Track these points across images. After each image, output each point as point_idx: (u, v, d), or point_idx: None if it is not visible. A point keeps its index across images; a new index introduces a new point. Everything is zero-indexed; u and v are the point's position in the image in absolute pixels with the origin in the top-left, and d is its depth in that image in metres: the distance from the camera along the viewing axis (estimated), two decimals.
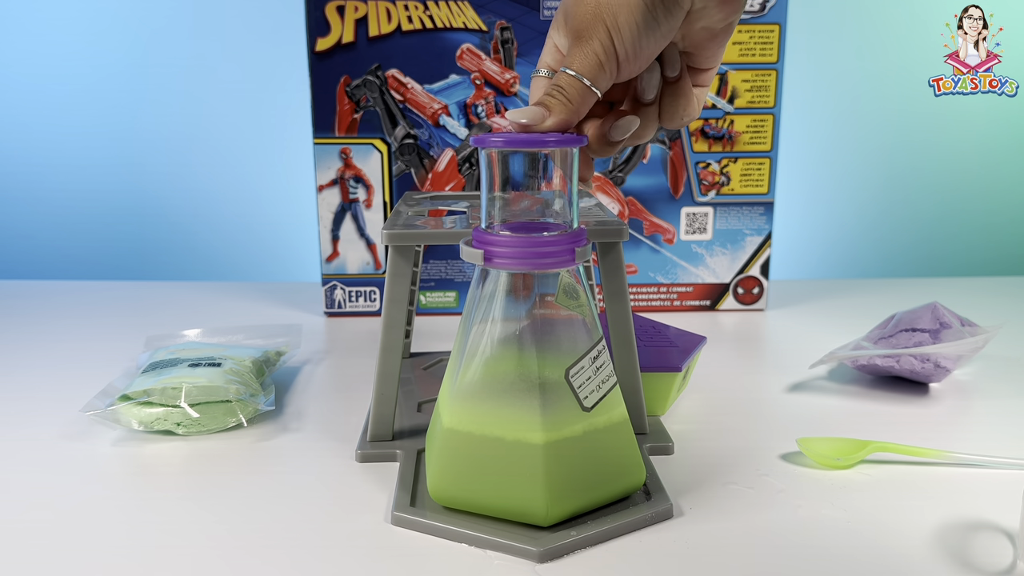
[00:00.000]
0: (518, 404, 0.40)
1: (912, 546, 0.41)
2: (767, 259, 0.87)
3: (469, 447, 0.41)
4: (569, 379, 0.40)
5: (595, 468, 0.42)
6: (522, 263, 0.40)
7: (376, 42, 0.80)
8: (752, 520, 0.44)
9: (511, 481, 0.40)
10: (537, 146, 0.40)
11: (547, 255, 0.40)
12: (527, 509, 0.40)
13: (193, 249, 1.20)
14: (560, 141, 0.40)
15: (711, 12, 0.40)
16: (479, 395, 0.41)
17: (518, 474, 0.40)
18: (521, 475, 0.40)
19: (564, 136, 0.40)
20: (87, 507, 0.45)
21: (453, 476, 0.42)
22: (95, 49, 1.13)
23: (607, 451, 0.42)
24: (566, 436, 0.40)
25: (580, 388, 0.41)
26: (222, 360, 0.59)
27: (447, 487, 0.42)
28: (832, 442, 0.51)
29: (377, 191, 0.84)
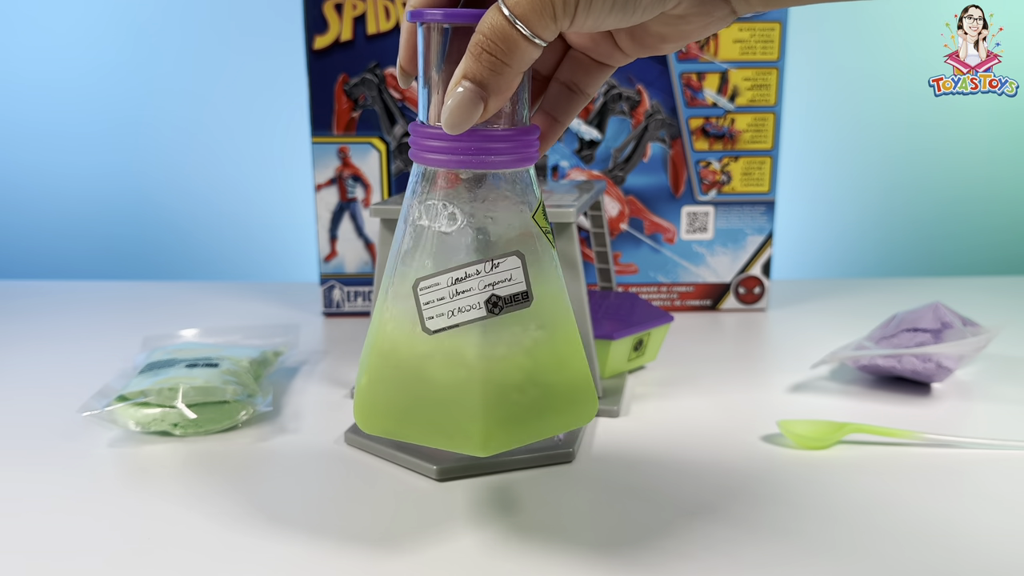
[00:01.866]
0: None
1: (886, 522, 0.41)
2: (768, 258, 0.87)
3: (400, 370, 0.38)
4: (416, 291, 0.37)
5: (540, 391, 0.39)
6: (463, 159, 0.36)
7: (375, 40, 0.80)
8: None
9: (445, 407, 0.38)
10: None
11: (492, 151, 0.36)
12: (463, 435, 0.38)
13: (190, 248, 1.20)
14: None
15: (681, 27, 0.36)
16: (407, 310, 0.38)
17: (453, 397, 0.37)
18: (456, 398, 0.37)
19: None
20: (83, 508, 0.45)
21: (379, 392, 0.39)
22: (93, 48, 1.13)
23: (554, 373, 0.39)
24: (502, 355, 0.37)
25: (427, 306, 0.37)
26: (219, 360, 0.59)
27: (372, 406, 0.40)
28: (811, 424, 0.53)
29: (376, 190, 0.84)
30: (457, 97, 0.33)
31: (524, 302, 0.37)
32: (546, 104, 0.41)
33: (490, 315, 0.37)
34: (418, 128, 0.37)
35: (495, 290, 0.37)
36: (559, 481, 0.48)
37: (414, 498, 0.46)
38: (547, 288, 0.39)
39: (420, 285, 0.37)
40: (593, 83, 0.40)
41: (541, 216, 0.39)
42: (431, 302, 0.37)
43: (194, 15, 1.13)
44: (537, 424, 0.39)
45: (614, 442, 0.53)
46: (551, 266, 0.39)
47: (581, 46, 0.39)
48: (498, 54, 0.32)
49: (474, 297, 0.36)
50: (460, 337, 0.37)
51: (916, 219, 1.21)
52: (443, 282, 0.37)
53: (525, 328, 0.38)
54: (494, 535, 0.42)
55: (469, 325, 0.37)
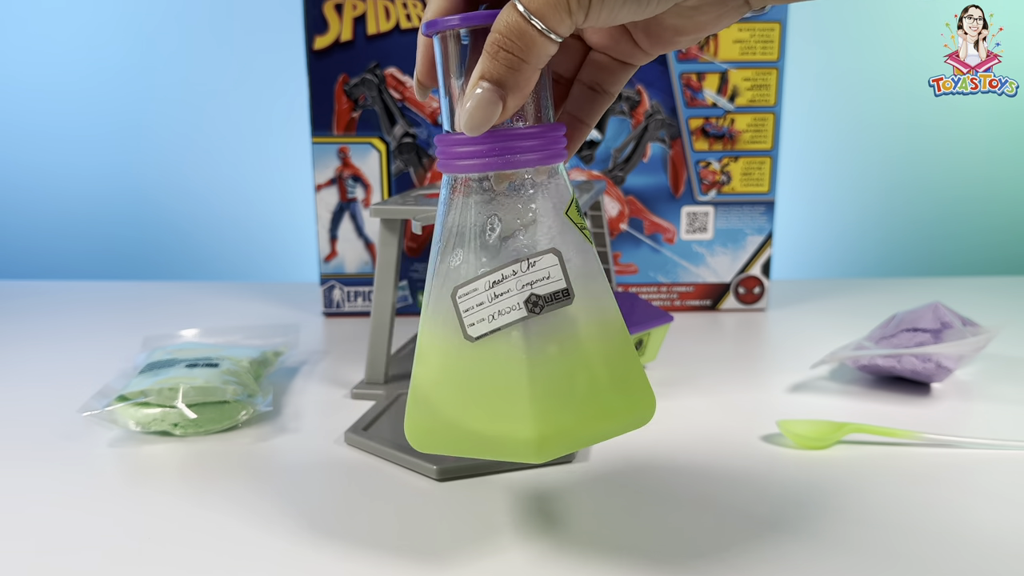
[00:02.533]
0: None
1: (885, 522, 0.41)
2: (768, 259, 0.87)
3: (447, 383, 0.38)
4: (455, 299, 0.36)
5: (591, 391, 0.37)
6: (491, 162, 0.35)
7: (374, 40, 0.80)
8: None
9: (494, 415, 0.37)
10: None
11: (518, 149, 0.35)
12: (516, 443, 0.36)
13: (190, 249, 1.20)
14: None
15: (696, 18, 0.36)
16: (448, 321, 0.37)
17: (501, 404, 0.36)
18: (504, 404, 0.36)
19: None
20: (83, 508, 0.45)
21: (428, 411, 0.38)
22: (93, 49, 1.13)
23: (603, 371, 0.38)
24: (548, 356, 0.36)
25: (466, 313, 0.36)
26: (219, 360, 0.59)
27: (423, 425, 0.39)
28: (811, 424, 0.53)
29: (376, 190, 0.84)
30: (476, 98, 0.33)
31: (565, 299, 0.36)
32: (570, 106, 0.41)
33: (531, 315, 0.36)
34: (443, 138, 0.37)
35: (534, 289, 0.36)
36: (559, 481, 0.48)
37: (414, 498, 0.46)
38: (589, 283, 0.37)
39: (458, 293, 0.36)
40: (615, 83, 0.40)
41: (575, 212, 0.38)
42: (470, 309, 0.36)
43: (194, 16, 1.13)
44: (592, 426, 0.38)
45: (614, 442, 0.53)
46: (591, 261, 0.38)
47: (601, 46, 0.39)
48: (515, 51, 0.32)
49: (513, 298, 0.36)
50: (503, 341, 0.36)
51: (916, 219, 1.21)
52: (481, 287, 0.36)
53: (570, 326, 0.37)
54: (494, 535, 0.42)
55: (511, 327, 0.36)
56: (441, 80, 0.37)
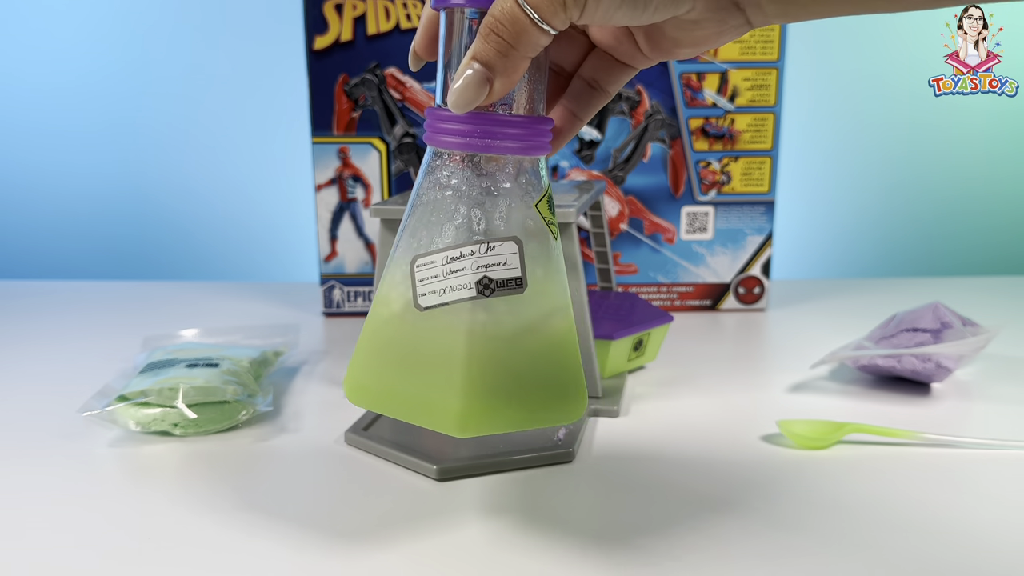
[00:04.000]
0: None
1: (885, 522, 0.41)
2: (768, 259, 0.87)
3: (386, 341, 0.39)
4: (413, 267, 0.38)
5: (526, 380, 0.38)
6: (472, 143, 0.36)
7: (375, 40, 0.80)
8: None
9: (428, 384, 0.38)
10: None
11: (501, 136, 0.36)
12: (442, 414, 0.37)
13: (190, 249, 1.20)
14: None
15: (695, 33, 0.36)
16: (403, 286, 0.38)
17: (436, 375, 0.37)
18: (439, 375, 0.37)
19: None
20: (83, 508, 0.45)
21: (368, 366, 0.40)
22: (93, 49, 1.13)
23: (542, 364, 0.39)
24: (489, 337, 0.37)
25: (420, 282, 0.37)
26: (219, 360, 0.59)
27: (360, 380, 0.40)
28: (811, 424, 0.54)
29: (376, 190, 0.84)
30: (464, 78, 0.34)
31: (517, 288, 0.37)
32: (566, 100, 0.41)
33: (480, 296, 0.37)
34: (433, 111, 0.38)
35: (488, 272, 0.37)
36: (559, 481, 0.48)
37: (414, 498, 0.46)
38: (544, 277, 0.38)
39: (417, 262, 0.37)
40: (614, 82, 0.41)
41: (545, 206, 0.38)
42: (425, 279, 0.37)
43: (194, 16, 1.13)
44: (519, 413, 0.38)
45: (614, 442, 0.53)
46: (551, 257, 0.39)
47: (605, 44, 0.40)
48: (506, 36, 0.33)
49: (466, 277, 0.37)
50: (449, 315, 0.37)
51: (916, 219, 1.21)
52: (438, 260, 0.37)
53: (517, 314, 0.38)
54: (494, 535, 0.42)
55: (460, 304, 0.37)
56: (441, 55, 0.38)
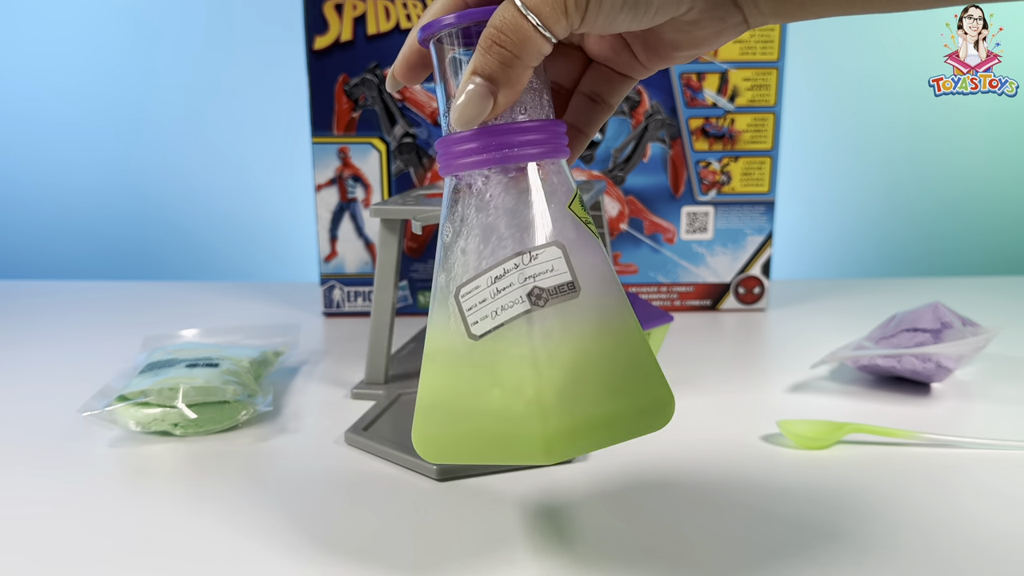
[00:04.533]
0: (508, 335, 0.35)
1: (885, 522, 0.41)
2: (768, 259, 0.87)
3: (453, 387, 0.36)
4: (458, 300, 0.35)
5: (603, 387, 0.35)
6: (490, 157, 0.35)
7: (375, 40, 0.80)
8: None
9: (502, 416, 0.35)
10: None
11: (518, 143, 0.35)
12: (524, 444, 0.35)
13: (190, 248, 1.20)
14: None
15: (694, 33, 0.36)
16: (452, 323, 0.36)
17: (508, 403, 0.35)
18: (511, 403, 0.35)
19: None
20: (83, 508, 0.45)
21: (435, 417, 0.37)
22: (93, 49, 1.13)
23: (616, 368, 0.36)
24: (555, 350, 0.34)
25: (469, 311, 0.35)
26: (220, 360, 0.59)
27: (431, 433, 0.37)
28: (811, 424, 0.54)
29: (376, 190, 0.84)
30: (467, 93, 0.33)
31: (571, 292, 0.35)
32: (569, 116, 0.41)
33: (534, 307, 0.34)
34: (443, 140, 0.36)
35: (536, 282, 0.34)
36: (559, 481, 0.48)
37: (414, 498, 0.46)
38: (597, 278, 0.36)
39: (461, 292, 0.35)
40: (615, 94, 0.40)
41: (578, 206, 0.37)
42: (473, 307, 0.35)
43: (194, 16, 1.13)
44: (605, 425, 0.35)
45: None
46: (598, 255, 0.37)
47: (601, 57, 0.40)
48: (508, 46, 0.32)
49: (515, 292, 0.34)
50: (507, 337, 0.34)
51: (916, 219, 1.21)
52: (483, 284, 0.35)
53: (578, 321, 0.35)
54: (494, 535, 0.42)
55: (516, 323, 0.34)
56: (439, 82, 0.37)
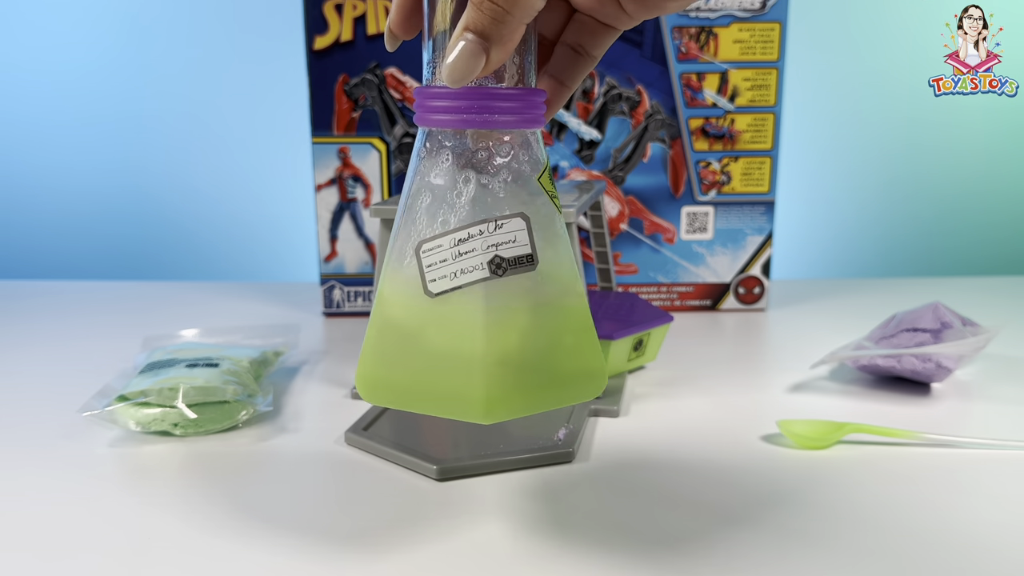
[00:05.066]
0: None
1: (885, 522, 0.41)
2: (768, 259, 0.87)
3: (402, 336, 0.37)
4: (419, 253, 0.36)
5: (546, 359, 0.37)
6: (468, 119, 0.35)
7: (375, 40, 0.80)
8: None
9: (447, 373, 0.36)
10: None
11: (497, 109, 0.35)
12: (465, 402, 0.36)
13: (190, 248, 1.20)
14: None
15: None
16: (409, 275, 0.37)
17: (455, 362, 0.36)
18: (458, 362, 0.36)
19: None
20: (83, 508, 0.45)
21: (380, 362, 0.38)
22: (93, 49, 1.13)
23: (561, 340, 0.38)
24: (506, 318, 0.36)
25: (429, 268, 0.36)
26: (220, 360, 0.59)
27: (374, 376, 0.39)
28: (811, 424, 0.54)
29: (376, 190, 0.84)
30: (459, 49, 0.33)
31: (529, 264, 0.36)
32: (552, 68, 0.40)
33: (493, 276, 0.35)
34: (423, 90, 0.36)
35: (499, 251, 0.36)
36: (559, 481, 0.48)
37: (414, 498, 0.46)
38: (554, 252, 0.37)
39: (422, 248, 0.36)
40: (599, 46, 0.40)
41: (547, 180, 0.37)
42: (433, 264, 0.36)
43: (195, 15, 1.13)
44: (542, 393, 0.37)
45: (614, 442, 0.53)
46: (558, 230, 0.38)
47: (586, 8, 0.39)
48: (500, 2, 0.32)
49: (477, 258, 0.35)
50: (463, 299, 0.36)
51: (916, 219, 1.21)
52: (445, 243, 0.36)
53: (530, 291, 0.36)
54: (494, 535, 0.42)
55: (472, 287, 0.35)
56: (426, 31, 0.36)
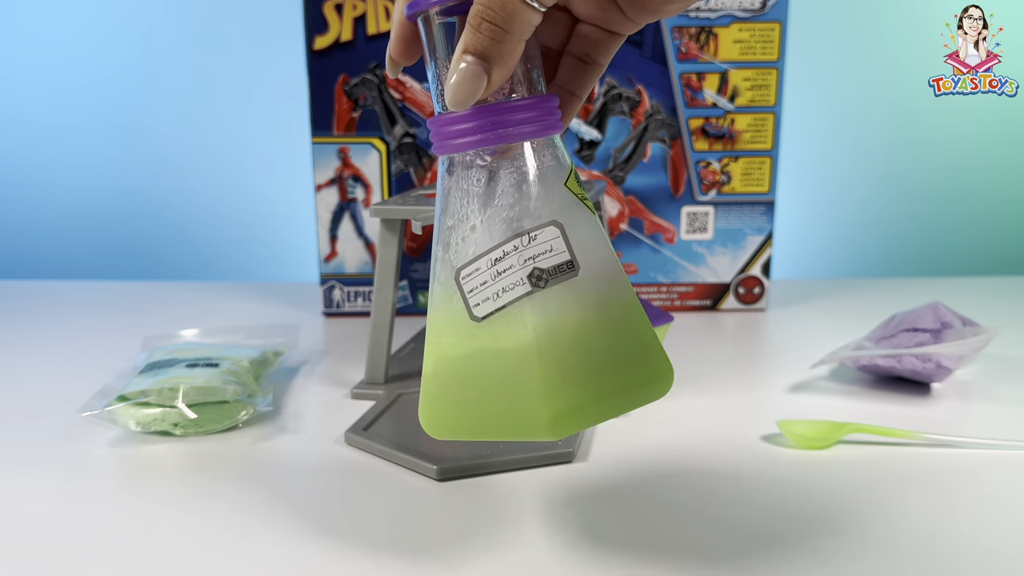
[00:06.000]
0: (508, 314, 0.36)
1: (886, 522, 0.41)
2: (768, 259, 0.87)
3: (457, 367, 0.37)
4: (459, 281, 0.36)
5: (604, 362, 0.36)
6: (485, 137, 0.35)
7: (375, 40, 0.80)
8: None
9: (507, 395, 0.36)
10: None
11: (513, 122, 0.35)
12: (530, 421, 0.36)
13: (190, 248, 1.20)
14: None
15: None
16: (454, 305, 0.37)
17: (513, 382, 0.36)
18: (515, 382, 0.35)
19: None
20: (83, 508, 0.45)
21: (441, 398, 0.38)
22: (93, 49, 1.13)
23: (615, 341, 0.37)
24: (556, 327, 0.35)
25: (471, 293, 0.36)
26: (219, 360, 0.59)
27: (437, 412, 0.38)
28: (811, 424, 0.54)
29: (376, 190, 0.84)
30: (460, 72, 0.33)
31: (570, 271, 0.35)
32: (560, 79, 0.40)
33: (535, 289, 0.35)
34: (435, 120, 0.36)
35: (536, 263, 0.35)
36: (559, 481, 0.48)
37: (414, 498, 0.46)
38: (594, 254, 0.36)
39: (461, 274, 0.36)
40: (604, 53, 0.40)
41: (575, 183, 0.37)
42: (474, 289, 0.35)
43: (194, 16, 1.13)
44: (607, 399, 0.36)
45: (613, 442, 0.53)
46: (595, 231, 0.37)
47: (588, 17, 0.39)
48: (498, 22, 0.32)
49: (516, 274, 0.35)
50: (509, 318, 0.35)
51: (916, 219, 1.21)
52: (483, 266, 0.35)
53: (578, 298, 0.36)
54: (494, 535, 0.42)
55: (516, 303, 0.35)
56: (429, 61, 0.36)
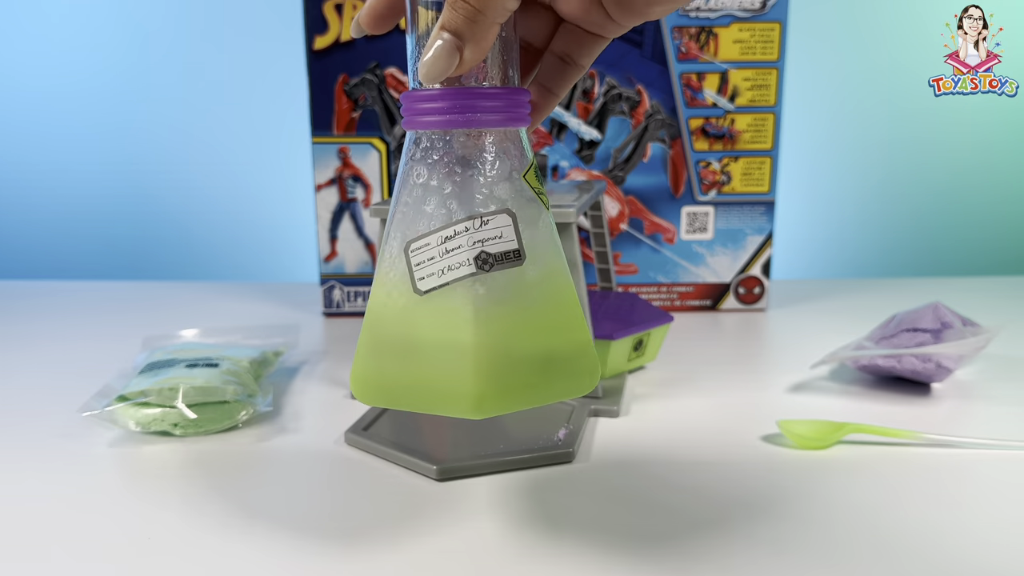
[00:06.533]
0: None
1: (885, 522, 0.41)
2: (768, 259, 0.87)
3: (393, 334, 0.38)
4: (408, 253, 0.37)
5: (536, 353, 0.38)
6: (453, 119, 0.36)
7: (375, 40, 0.80)
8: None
9: (437, 369, 0.37)
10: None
11: (481, 108, 0.36)
12: (455, 397, 0.36)
13: (190, 249, 1.20)
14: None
15: None
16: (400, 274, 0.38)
17: (445, 358, 0.36)
18: (447, 358, 0.36)
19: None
20: (83, 508, 0.45)
21: (373, 362, 0.39)
22: (92, 49, 1.13)
23: (550, 335, 0.38)
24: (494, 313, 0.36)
25: (417, 267, 0.37)
26: (219, 360, 0.59)
27: (366, 376, 0.39)
28: (811, 424, 0.54)
29: (376, 190, 0.84)
30: (435, 48, 0.34)
31: (516, 260, 0.37)
32: (540, 76, 0.41)
33: (480, 271, 0.36)
34: (408, 94, 0.37)
35: (484, 247, 0.36)
36: (559, 481, 0.48)
37: (414, 498, 0.46)
38: (541, 248, 0.38)
39: (411, 247, 0.37)
40: (587, 54, 0.40)
41: (532, 176, 0.38)
42: (421, 263, 0.36)
43: (194, 16, 1.13)
44: (533, 388, 0.38)
45: (614, 442, 0.53)
46: (545, 226, 0.38)
47: (572, 17, 0.39)
48: (473, 2, 0.33)
49: (463, 254, 0.36)
50: (451, 295, 0.36)
51: (916, 219, 1.21)
52: (433, 242, 0.36)
53: (518, 286, 0.37)
54: (494, 536, 0.42)
55: (460, 283, 0.36)
56: (409, 37, 0.37)
